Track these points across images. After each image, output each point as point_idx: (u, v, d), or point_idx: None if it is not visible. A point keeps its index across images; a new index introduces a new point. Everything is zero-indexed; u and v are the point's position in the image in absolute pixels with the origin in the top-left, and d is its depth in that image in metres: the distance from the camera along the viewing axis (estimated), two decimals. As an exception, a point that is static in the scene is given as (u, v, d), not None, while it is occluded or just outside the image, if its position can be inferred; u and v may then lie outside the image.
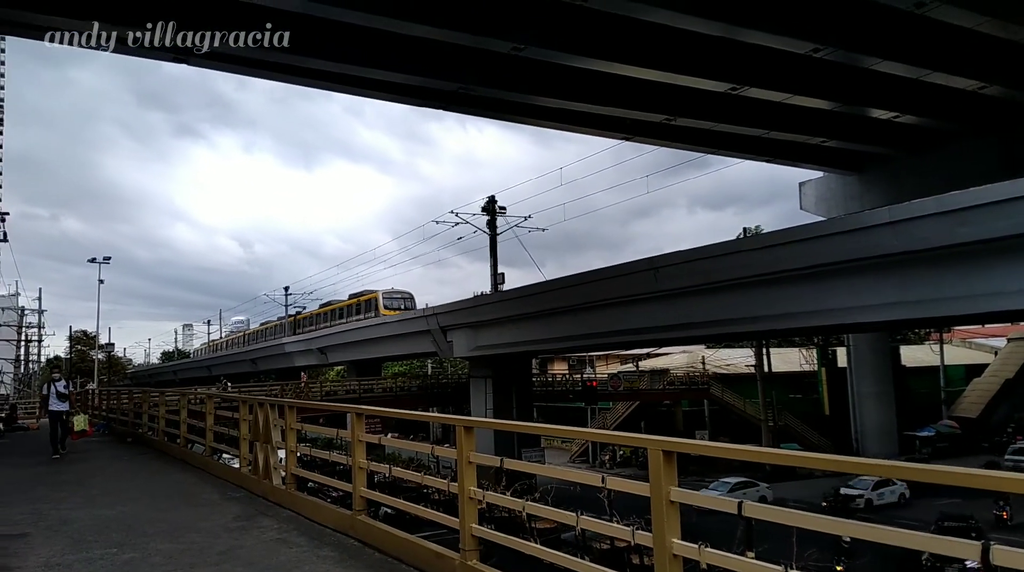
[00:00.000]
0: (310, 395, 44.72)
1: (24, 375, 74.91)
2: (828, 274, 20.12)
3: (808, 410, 52.83)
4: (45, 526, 8.25)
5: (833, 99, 21.79)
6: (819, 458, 4.38)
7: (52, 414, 15.81)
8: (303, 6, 15.04)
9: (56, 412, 15.72)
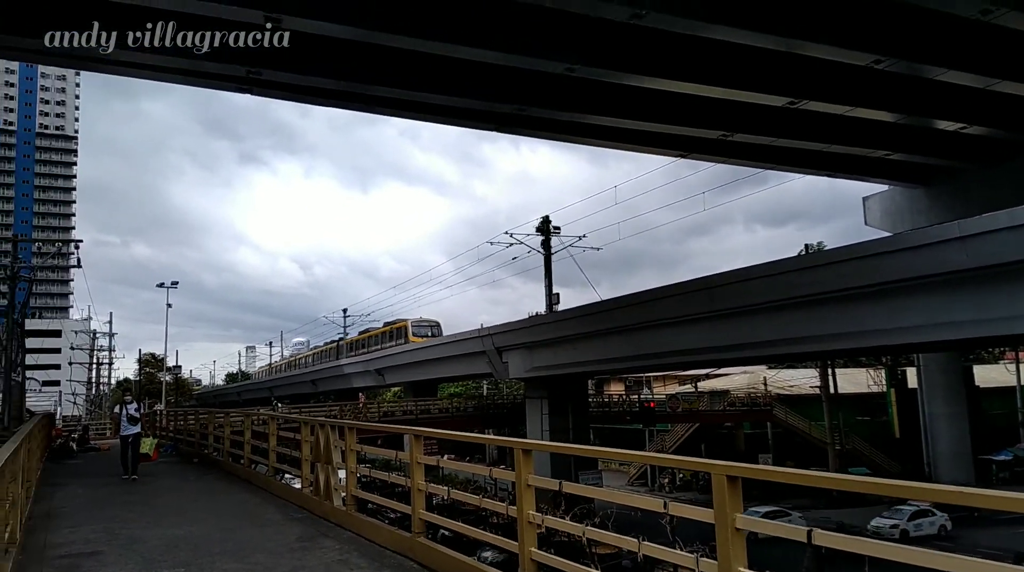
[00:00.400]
0: (368, 416, 45.24)
1: (95, 397, 77.76)
2: (896, 291, 19.51)
3: (877, 433, 51.03)
4: (117, 545, 8.49)
5: (896, 111, 21.19)
6: (889, 484, 4.16)
7: (124, 437, 15.81)
8: (363, 35, 15.40)
9: (128, 435, 15.71)
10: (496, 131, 22.68)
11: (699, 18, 15.32)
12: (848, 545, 3.58)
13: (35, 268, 39.94)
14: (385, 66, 17.16)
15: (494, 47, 16.09)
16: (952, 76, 18.62)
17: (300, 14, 14.19)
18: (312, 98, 20.09)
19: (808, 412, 52.49)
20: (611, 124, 21.69)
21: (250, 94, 18.65)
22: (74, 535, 9.15)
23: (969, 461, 39.17)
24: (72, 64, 21.03)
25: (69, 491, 13.94)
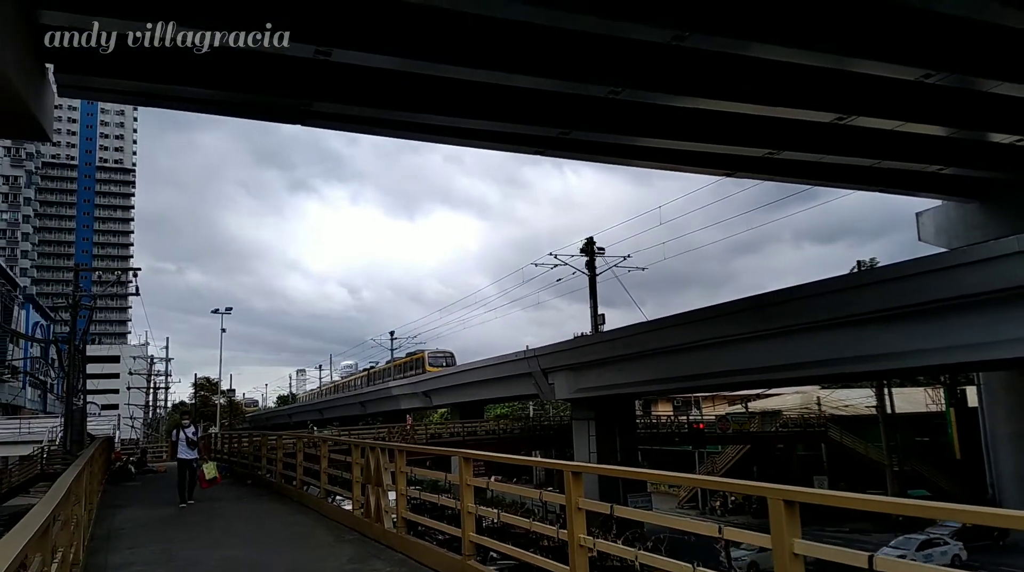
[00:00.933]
0: (415, 438, 45.45)
1: (152, 420, 79.73)
2: (953, 309, 18.98)
3: (936, 454, 49.30)
4: (175, 566, 8.69)
5: (948, 125, 20.68)
6: (952, 509, 4.00)
7: (181, 462, 15.30)
8: (410, 65, 15.72)
9: (185, 460, 15.27)
10: (540, 155, 22.81)
11: (742, 37, 15.26)
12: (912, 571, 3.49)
13: (95, 296, 41.30)
14: (431, 94, 17.45)
15: (539, 74, 16.25)
16: (1006, 88, 18.15)
17: (349, 47, 14.55)
18: (360, 127, 20.53)
19: (864, 432, 51.03)
20: (655, 145, 21.65)
21: (301, 125, 19.14)
22: (134, 556, 9.39)
23: (1036, 483, 37.53)
24: (131, 100, 21.83)
25: (128, 513, 14.31)
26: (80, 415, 31.63)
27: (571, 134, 20.06)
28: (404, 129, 20.21)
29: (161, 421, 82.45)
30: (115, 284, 50.07)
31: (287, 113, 18.22)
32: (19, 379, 55.59)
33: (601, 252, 40.98)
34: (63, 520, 5.89)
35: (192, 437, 15.46)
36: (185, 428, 15.83)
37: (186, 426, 15.95)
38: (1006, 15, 15.01)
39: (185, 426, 15.95)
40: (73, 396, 30.89)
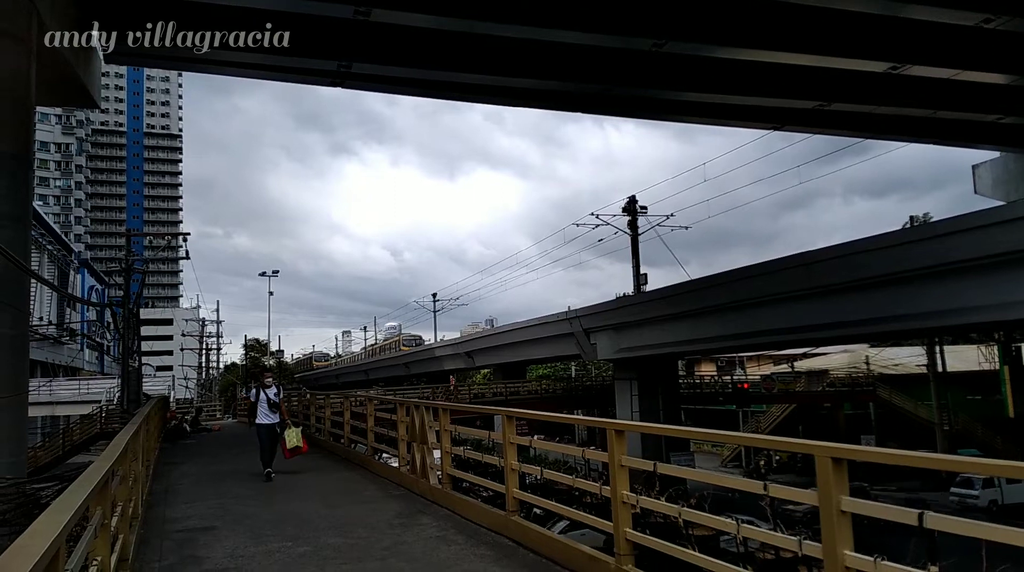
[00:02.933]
0: (459, 398, 46.08)
1: (206, 381, 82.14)
2: (1010, 263, 18.34)
3: (988, 413, 48.29)
4: (229, 520, 8.99)
5: (1009, 72, 19.74)
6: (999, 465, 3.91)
7: (262, 428, 12.98)
8: (450, 23, 15.52)
9: (267, 425, 12.97)
10: (583, 112, 22.49)
11: (791, -17, 14.71)
12: (964, 529, 3.42)
13: (147, 260, 42.35)
14: (471, 53, 17.23)
15: (581, 28, 15.90)
16: (1073, 30, 17.23)
17: (389, 6, 14.41)
18: (400, 88, 20.41)
19: (914, 392, 50.16)
20: (699, 99, 21.13)
21: (341, 87, 19.11)
22: (190, 510, 9.74)
23: (1093, 443, 36.63)
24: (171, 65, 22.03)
25: (184, 470, 14.84)
26: (136, 376, 32.72)
27: (613, 90, 19.69)
28: (444, 89, 20.05)
29: (214, 382, 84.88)
30: (166, 248, 51.23)
31: (327, 75, 18.20)
32: (77, 342, 57.62)
33: (643, 211, 40.47)
34: (122, 475, 6.11)
35: (274, 399, 13.08)
36: (267, 388, 13.22)
37: (268, 385, 13.29)
38: (1075, -48, 14.16)
39: (267, 385, 13.28)
40: (129, 358, 31.93)
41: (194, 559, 7.11)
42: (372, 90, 20.97)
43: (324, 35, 15.74)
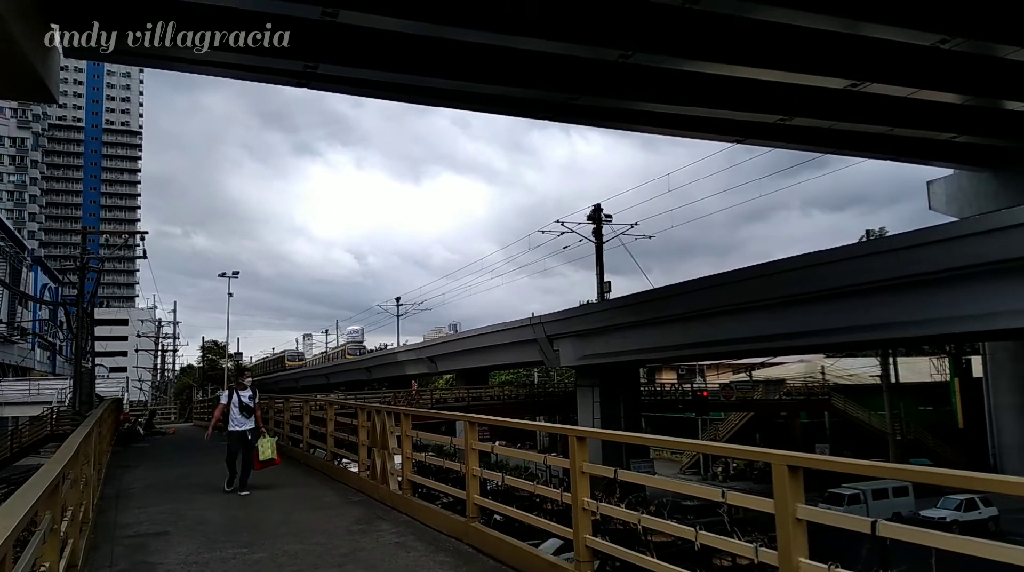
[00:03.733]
0: (421, 403, 45.84)
1: (161, 383, 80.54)
2: (962, 278, 18.87)
3: (939, 423, 49.54)
4: (183, 525, 8.81)
5: (963, 92, 20.37)
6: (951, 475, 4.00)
7: (233, 436, 11.40)
8: (418, 27, 15.48)
9: (239, 432, 11.41)
10: (549, 120, 22.59)
11: (756, 0, 14.99)
12: (915, 537, 3.50)
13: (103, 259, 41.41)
14: (439, 58, 17.22)
15: (550, 37, 16.00)
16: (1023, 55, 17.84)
17: (357, 8, 14.33)
18: (368, 91, 20.29)
19: (868, 402, 51.26)
20: (665, 111, 21.39)
21: (307, 88, 18.94)
22: (142, 515, 9.53)
23: (1039, 453, 37.72)
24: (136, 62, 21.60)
25: (137, 473, 14.51)
26: (89, 377, 31.95)
27: (579, 99, 19.84)
28: (411, 93, 20.00)
29: (169, 384, 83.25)
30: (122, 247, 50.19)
31: (293, 76, 18.03)
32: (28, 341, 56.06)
33: (608, 219, 40.82)
34: (72, 479, 5.96)
35: (248, 402, 11.56)
36: (240, 390, 11.72)
37: (244, 387, 11.82)
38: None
39: (242, 387, 11.82)
40: (82, 358, 31.17)
41: (146, 565, 6.95)
42: (339, 92, 20.84)
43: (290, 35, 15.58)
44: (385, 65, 17.18)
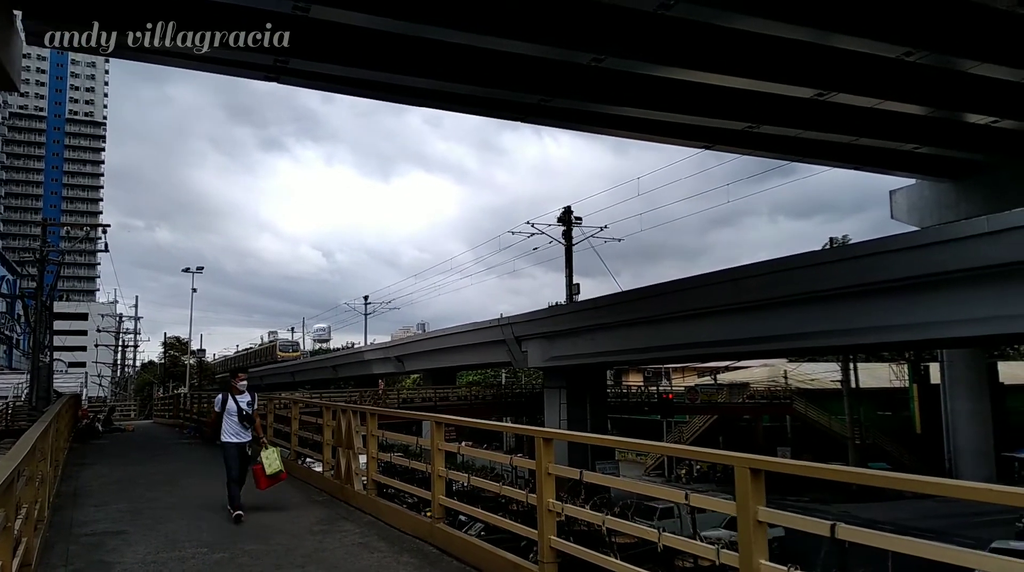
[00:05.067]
0: (387, 402, 45.59)
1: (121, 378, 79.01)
2: (921, 286, 19.26)
3: (898, 428, 50.55)
4: (141, 524, 8.66)
5: (926, 104, 20.86)
6: (911, 479, 4.10)
7: (229, 450, 9.46)
8: (391, 25, 15.40)
9: (235, 446, 9.50)
10: (522, 121, 22.62)
11: (726, 8, 15.16)
12: (872, 540, 3.57)
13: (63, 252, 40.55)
14: (413, 56, 17.15)
15: (524, 38, 16.03)
16: (985, 69, 18.30)
17: (329, 3, 14.22)
18: (339, 87, 20.15)
19: (828, 406, 52.10)
20: (636, 115, 21.55)
21: (277, 82, 18.73)
22: (100, 514, 9.34)
23: (991, 458, 38.69)
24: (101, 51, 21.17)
25: (95, 471, 14.22)
26: (46, 372, 31.22)
27: (552, 101, 19.91)
28: (385, 91, 19.88)
29: (130, 380, 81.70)
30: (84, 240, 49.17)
31: (263, 69, 17.81)
32: (-16, 334, 54.64)
33: (578, 222, 40.97)
34: (28, 476, 5.82)
35: (247, 409, 9.66)
36: (238, 393, 9.77)
37: (240, 391, 9.82)
38: (989, -4, 15.06)
39: (239, 391, 9.81)
40: (39, 352, 30.46)
41: (103, 564, 6.82)
42: (310, 87, 20.61)
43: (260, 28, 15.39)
44: (358, 62, 17.07)
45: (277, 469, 9.78)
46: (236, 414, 9.55)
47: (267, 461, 9.71)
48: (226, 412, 9.56)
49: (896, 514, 32.65)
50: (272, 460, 9.79)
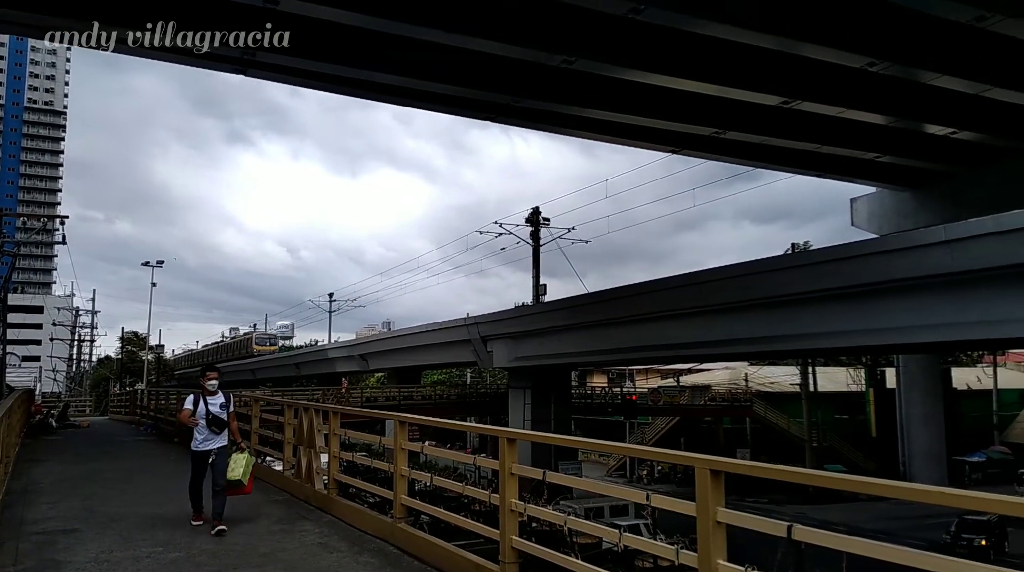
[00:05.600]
0: (351, 401, 45.18)
1: (76, 373, 77.22)
2: (879, 293, 19.65)
3: (854, 431, 51.56)
4: (95, 522, 8.46)
5: (888, 114, 21.32)
6: (864, 482, 4.16)
7: (197, 457, 8.40)
8: (362, 20, 15.28)
9: (202, 453, 8.37)
10: (492, 121, 22.60)
11: (697, 14, 15.33)
12: (828, 541, 3.62)
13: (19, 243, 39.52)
14: (382, 52, 17.04)
15: (497, 38, 16.03)
16: (945, 81, 18.76)
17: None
18: (307, 82, 19.90)
19: (788, 409, 52.95)
20: (605, 118, 21.69)
21: (245, 75, 18.47)
22: (52, 511, 9.12)
23: (943, 461, 39.72)
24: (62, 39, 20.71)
25: (48, 467, 13.86)
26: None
27: (522, 102, 19.94)
28: (354, 87, 19.73)
29: (85, 375, 79.89)
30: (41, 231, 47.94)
31: (230, 62, 17.56)
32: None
33: (546, 223, 41.05)
34: (-26, 472, 5.65)
35: (220, 413, 8.45)
36: (210, 394, 8.54)
37: (212, 391, 8.58)
38: (950, 8, 15.44)
39: (211, 391, 8.57)
40: (-8, 346, 29.61)
41: (54, 563, 6.65)
42: (277, 81, 20.35)
43: (228, 21, 15.17)
44: (327, 56, 16.92)
45: (235, 477, 8.42)
46: (206, 418, 8.36)
47: (232, 466, 8.48)
48: (200, 415, 8.39)
49: (851, 516, 33.26)
50: (237, 465, 8.51)
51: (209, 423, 8.36)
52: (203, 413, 8.37)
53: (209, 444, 8.40)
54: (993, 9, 15.24)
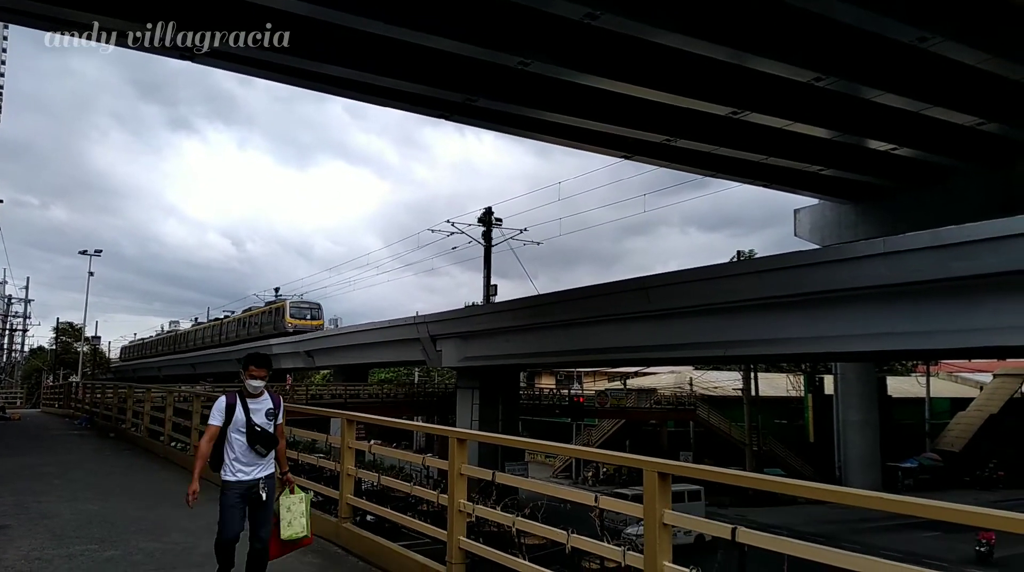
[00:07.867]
0: (296, 398, 44.47)
1: (7, 365, 74.28)
2: (819, 302, 20.19)
3: (793, 436, 52.85)
4: (27, 519, 8.18)
5: (832, 128, 21.94)
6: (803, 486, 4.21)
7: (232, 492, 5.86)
8: (316, 11, 15.05)
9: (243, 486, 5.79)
10: (446, 119, 22.51)
11: (651, 23, 15.56)
12: (770, 544, 3.72)
13: (-53, 226, 37.76)
14: (336, 45, 16.82)
15: (453, 36, 15.99)
16: (887, 98, 19.40)
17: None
18: (257, 70, 19.49)
19: (730, 413, 54.02)
20: (558, 121, 21.83)
21: (191, 61, 18.00)
22: (-21, 508, 8.76)
23: (878, 467, 41.08)
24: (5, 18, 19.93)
25: (-25, 462, 13.31)
26: (-78, 355, 29.05)
27: (478, 101, 19.93)
28: (301, 77, 19.39)
29: (17, 366, 76.92)
30: (-29, 216, 45.89)
31: (175, 47, 17.09)
32: None
33: (499, 223, 41.12)
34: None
35: (267, 426, 5.80)
36: (254, 396, 5.88)
37: (256, 392, 5.90)
38: (894, 28, 15.99)
39: (253, 392, 5.89)
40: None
41: (-20, 562, 6.39)
42: (223, 68, 19.83)
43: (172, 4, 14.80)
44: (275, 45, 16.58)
45: (295, 535, 5.97)
46: (245, 433, 5.68)
47: (285, 516, 5.97)
48: (233, 426, 5.70)
49: (789, 519, 34.10)
50: (294, 516, 5.99)
51: (251, 439, 5.66)
52: (241, 423, 5.66)
53: (252, 472, 5.74)
54: (935, 31, 15.84)
